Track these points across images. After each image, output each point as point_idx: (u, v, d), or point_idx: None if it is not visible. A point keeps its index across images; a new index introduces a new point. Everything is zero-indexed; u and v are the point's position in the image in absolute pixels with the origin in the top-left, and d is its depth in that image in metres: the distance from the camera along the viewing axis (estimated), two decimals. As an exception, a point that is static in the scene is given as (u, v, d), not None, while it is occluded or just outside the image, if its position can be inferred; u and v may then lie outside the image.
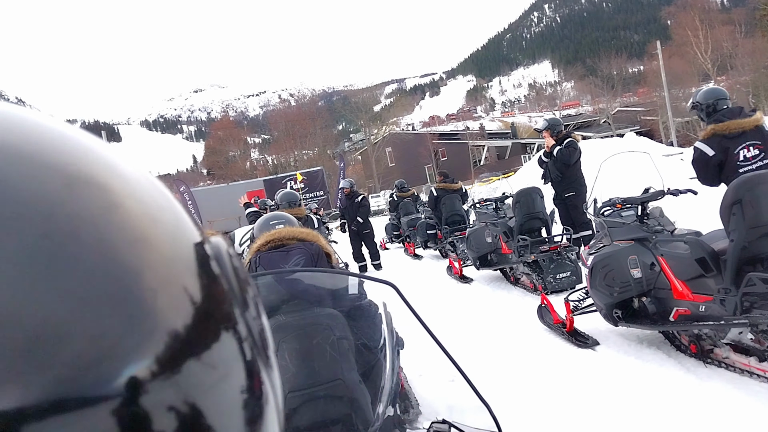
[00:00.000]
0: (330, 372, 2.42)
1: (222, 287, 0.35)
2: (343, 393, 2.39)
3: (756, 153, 4.73)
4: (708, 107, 4.99)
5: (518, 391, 3.93)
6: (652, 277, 4.19)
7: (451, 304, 7.17)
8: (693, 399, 3.37)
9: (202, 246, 0.35)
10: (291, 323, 2.49)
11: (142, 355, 0.27)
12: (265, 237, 2.97)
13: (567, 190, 7.87)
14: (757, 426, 2.92)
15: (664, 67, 34.72)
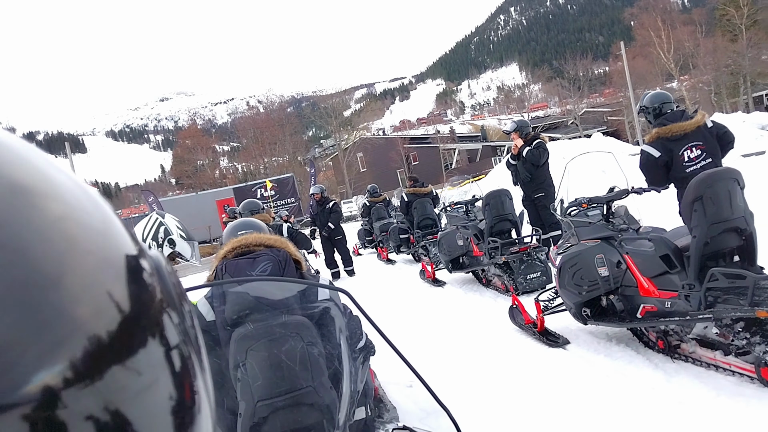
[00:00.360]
0: (300, 379, 2.40)
1: (152, 297, 0.34)
2: (314, 400, 2.37)
3: (698, 153, 5.01)
4: (654, 110, 5.27)
5: (491, 392, 3.95)
6: (618, 275, 4.25)
7: (425, 308, 7.18)
8: (662, 395, 3.42)
9: (135, 257, 0.34)
10: (259, 331, 2.46)
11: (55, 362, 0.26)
12: (231, 243, 2.93)
13: (536, 191, 7.95)
14: (724, 418, 2.97)
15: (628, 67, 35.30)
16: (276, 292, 2.73)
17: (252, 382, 2.36)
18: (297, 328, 2.44)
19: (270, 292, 2.73)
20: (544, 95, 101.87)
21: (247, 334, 2.43)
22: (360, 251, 15.88)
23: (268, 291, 2.75)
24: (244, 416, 2.34)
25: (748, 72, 44.84)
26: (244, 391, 2.37)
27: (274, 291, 2.74)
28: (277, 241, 2.96)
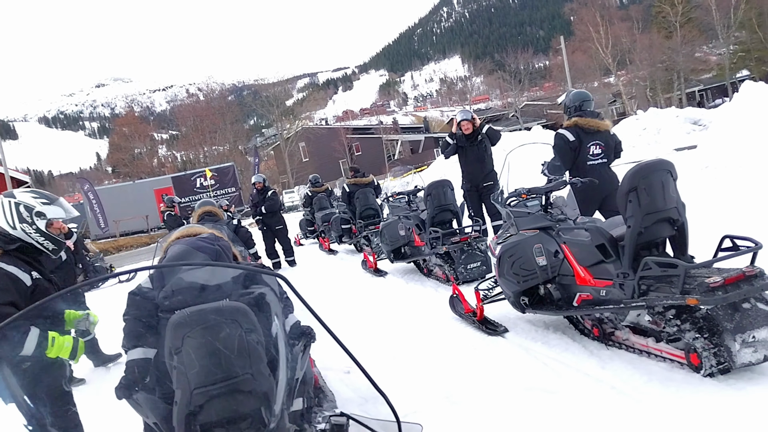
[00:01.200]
0: (238, 367, 2.31)
1: None
2: (251, 387, 2.29)
3: (599, 152, 5.73)
4: (575, 107, 5.92)
5: (431, 380, 3.94)
6: (556, 265, 4.31)
7: (366, 298, 7.15)
8: (597, 381, 3.49)
9: None
10: (196, 318, 2.36)
11: None
12: (175, 234, 3.09)
13: (486, 179, 8.00)
14: (655, 403, 3.05)
15: (567, 61, 36.16)
16: (212, 277, 2.69)
17: (188, 370, 2.26)
18: (235, 315, 2.36)
19: (208, 279, 2.69)
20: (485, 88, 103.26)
21: (183, 320, 2.33)
22: (302, 241, 15.72)
23: (206, 278, 2.70)
24: (179, 404, 2.24)
25: (682, 68, 46.66)
26: (180, 378, 2.28)
27: (211, 276, 2.70)
28: (205, 232, 3.14)
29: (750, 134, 9.94)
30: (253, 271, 2.42)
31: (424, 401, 3.62)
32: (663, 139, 18.19)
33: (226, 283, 2.66)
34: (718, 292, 2.99)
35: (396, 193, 9.26)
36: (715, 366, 3.12)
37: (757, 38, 45.67)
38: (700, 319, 3.19)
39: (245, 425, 2.28)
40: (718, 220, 5.95)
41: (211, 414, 2.24)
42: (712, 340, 3.11)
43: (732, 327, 3.01)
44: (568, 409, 3.20)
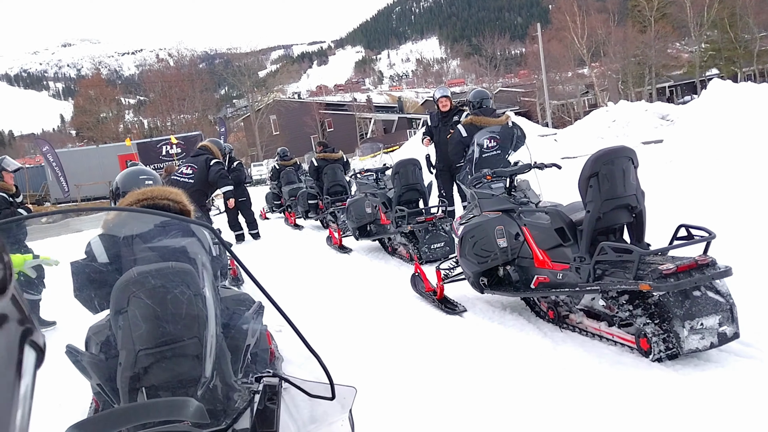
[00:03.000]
0: (186, 329, 2.27)
1: None
2: (198, 352, 2.25)
3: (493, 144, 6.15)
4: (476, 104, 6.98)
5: (386, 356, 3.96)
6: (516, 247, 4.35)
7: (329, 274, 7.13)
8: (549, 361, 3.54)
9: None
10: (144, 277, 2.31)
11: None
12: (135, 195, 2.76)
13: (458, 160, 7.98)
14: (604, 384, 3.11)
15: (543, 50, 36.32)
16: (166, 238, 2.59)
17: (133, 331, 2.21)
18: (183, 276, 2.31)
19: (159, 238, 2.58)
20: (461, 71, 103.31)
21: (130, 280, 2.27)
22: (267, 215, 15.60)
23: (157, 237, 2.60)
24: (123, 365, 2.19)
25: (654, 63, 47.29)
26: (125, 339, 2.22)
27: (164, 237, 2.59)
28: (178, 195, 2.86)
29: (715, 131, 10.14)
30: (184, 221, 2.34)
31: (378, 377, 3.64)
32: (631, 132, 18.45)
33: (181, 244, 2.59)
34: (670, 279, 3.06)
35: (364, 170, 9.22)
36: (663, 351, 3.19)
37: (728, 38, 46.52)
38: (651, 305, 3.26)
39: (192, 390, 2.25)
40: (677, 211, 6.07)
41: (156, 376, 2.20)
42: (662, 326, 3.18)
43: (682, 314, 3.08)
44: (517, 387, 3.24)
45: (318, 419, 1.16)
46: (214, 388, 2.32)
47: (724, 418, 2.60)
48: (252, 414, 1.00)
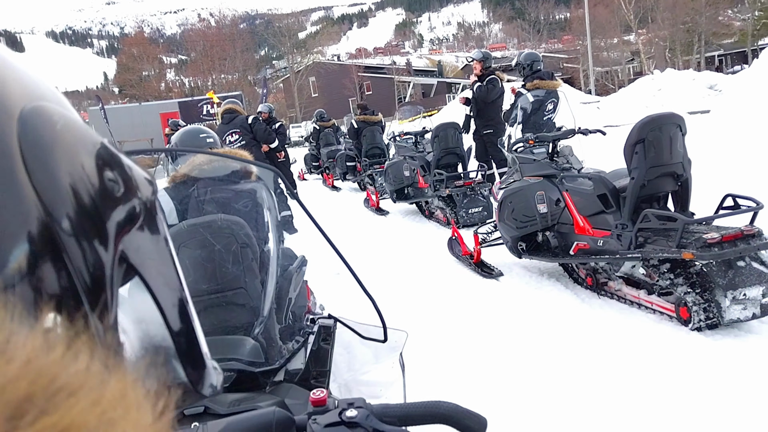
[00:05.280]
0: (232, 280, 2.35)
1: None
2: (245, 301, 2.33)
3: (552, 108, 6.35)
4: (526, 66, 6.69)
5: (421, 316, 4.02)
6: (556, 213, 4.33)
7: (367, 235, 7.20)
8: (585, 327, 3.55)
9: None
10: (192, 228, 2.39)
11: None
12: (207, 157, 2.85)
13: (485, 127, 7.92)
14: (641, 352, 3.12)
15: (588, 15, 35.24)
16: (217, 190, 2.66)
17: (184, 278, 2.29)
18: (231, 228, 2.38)
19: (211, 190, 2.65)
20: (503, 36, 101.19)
21: (180, 230, 2.36)
22: (305, 176, 15.73)
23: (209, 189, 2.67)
24: None
25: (704, 31, 45.52)
26: None
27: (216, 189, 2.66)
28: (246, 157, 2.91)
29: (765, 101, 9.79)
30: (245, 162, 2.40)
31: (413, 337, 3.70)
32: (677, 101, 17.91)
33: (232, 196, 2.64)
34: (715, 248, 3.02)
35: (403, 133, 9.19)
36: (703, 321, 3.18)
37: (786, 5, 44.41)
38: (693, 275, 3.23)
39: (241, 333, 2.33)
40: (724, 181, 5.94)
41: (203, 324, 2.29)
42: (703, 295, 3.16)
43: (724, 283, 3.05)
44: (552, 351, 3.27)
45: (369, 361, 1.20)
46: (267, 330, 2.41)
47: (762, 389, 2.59)
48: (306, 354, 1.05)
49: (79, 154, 0.32)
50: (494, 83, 7.80)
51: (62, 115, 0.33)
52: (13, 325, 0.21)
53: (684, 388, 2.70)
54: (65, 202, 0.29)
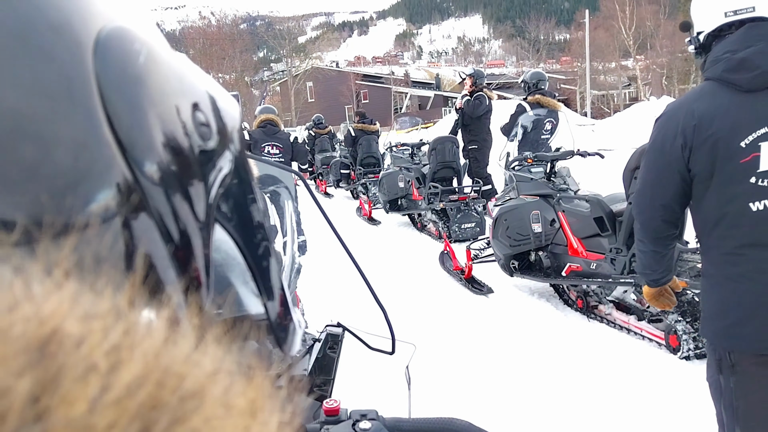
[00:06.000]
0: None
1: None
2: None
3: (550, 128, 6.38)
4: (532, 85, 6.81)
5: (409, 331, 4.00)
6: (551, 233, 4.34)
7: (358, 244, 7.17)
8: (573, 350, 3.55)
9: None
10: None
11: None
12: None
13: (471, 142, 7.97)
14: (627, 378, 3.12)
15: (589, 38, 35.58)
16: None
17: None
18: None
19: None
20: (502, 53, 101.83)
21: None
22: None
23: None
24: None
25: (701, 61, 46.00)
26: None
27: None
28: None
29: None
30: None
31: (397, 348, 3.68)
32: (672, 129, 18.08)
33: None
34: (708, 278, 3.03)
35: (400, 144, 9.21)
36: (692, 350, 3.19)
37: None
38: (685, 303, 3.24)
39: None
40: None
41: None
42: (693, 325, 3.17)
43: (715, 314, 3.05)
44: (538, 373, 3.26)
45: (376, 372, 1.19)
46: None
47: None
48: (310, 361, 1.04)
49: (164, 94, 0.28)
50: (481, 100, 7.85)
51: (145, 43, 0.29)
52: (131, 312, 0.18)
53: (671, 416, 2.70)
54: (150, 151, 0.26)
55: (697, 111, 1.67)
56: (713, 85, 1.70)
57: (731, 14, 1.71)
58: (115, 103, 0.25)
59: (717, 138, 1.63)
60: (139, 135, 0.26)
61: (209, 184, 0.32)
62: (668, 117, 1.76)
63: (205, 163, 0.31)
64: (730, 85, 1.65)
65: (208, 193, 0.32)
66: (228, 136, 0.34)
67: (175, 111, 0.29)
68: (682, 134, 1.68)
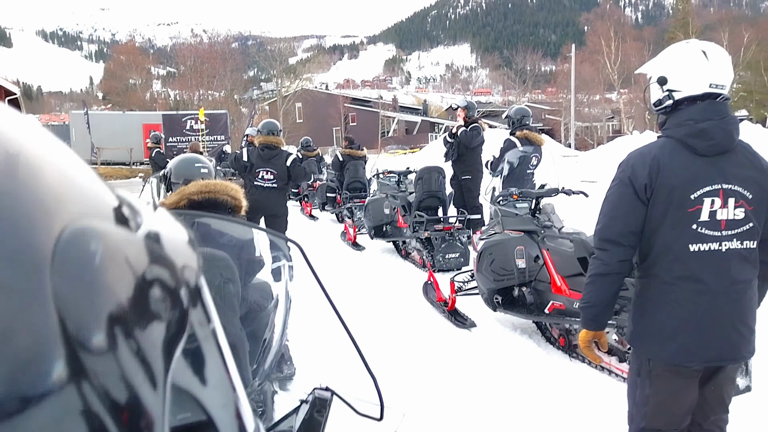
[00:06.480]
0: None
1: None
2: None
3: (535, 163, 6.63)
4: (517, 120, 7.04)
5: (389, 363, 3.98)
6: (534, 269, 4.36)
7: (341, 270, 7.15)
8: (553, 389, 3.56)
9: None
10: None
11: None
12: (198, 186, 2.83)
13: (464, 172, 8.03)
14: (606, 419, 3.12)
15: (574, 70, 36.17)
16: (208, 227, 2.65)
17: None
18: (215, 262, 2.35)
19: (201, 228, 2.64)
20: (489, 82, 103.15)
21: None
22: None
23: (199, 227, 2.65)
24: None
25: (683, 97, 46.93)
26: None
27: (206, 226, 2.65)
28: (237, 192, 2.91)
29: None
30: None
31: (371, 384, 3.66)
32: (654, 164, 18.33)
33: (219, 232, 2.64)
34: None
35: (387, 171, 9.25)
36: (671, 394, 3.20)
37: (761, 81, 46.10)
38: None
39: None
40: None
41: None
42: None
43: (695, 359, 3.08)
44: (519, 413, 3.26)
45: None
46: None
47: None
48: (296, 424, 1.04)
49: (116, 292, 0.30)
50: (477, 131, 7.93)
51: (106, 241, 0.31)
52: None
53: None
54: (99, 335, 0.27)
55: (660, 161, 2.01)
56: (674, 142, 2.05)
57: (714, 87, 2.03)
58: (68, 305, 0.27)
59: (673, 186, 1.99)
60: (89, 327, 0.27)
61: (167, 349, 0.33)
62: (635, 160, 2.09)
63: (163, 332, 0.32)
64: (689, 147, 2.01)
65: (168, 356, 0.32)
66: (180, 298, 0.35)
67: (130, 292, 0.30)
68: (648, 176, 2.01)
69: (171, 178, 3.23)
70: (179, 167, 3.27)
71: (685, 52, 2.14)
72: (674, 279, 2.03)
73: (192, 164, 3.26)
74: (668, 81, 2.12)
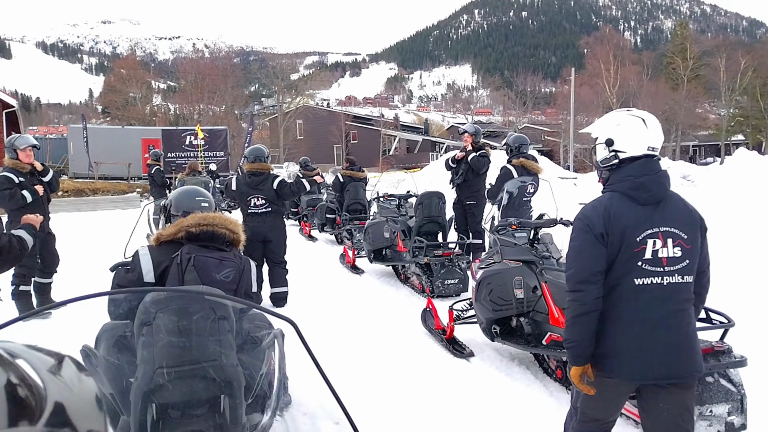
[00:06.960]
0: (207, 351, 2.35)
1: None
2: (217, 375, 2.33)
3: (532, 191, 6.86)
4: (515, 148, 7.26)
5: (388, 394, 4.00)
6: (532, 300, 4.39)
7: (339, 293, 7.18)
8: (550, 423, 3.57)
9: None
10: (172, 296, 2.40)
11: None
12: (196, 219, 2.90)
13: (469, 197, 8.08)
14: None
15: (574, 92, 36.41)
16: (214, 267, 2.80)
17: (155, 345, 2.29)
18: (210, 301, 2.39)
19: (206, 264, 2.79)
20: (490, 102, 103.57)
21: (158, 297, 2.37)
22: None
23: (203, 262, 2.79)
24: (140, 380, 2.26)
25: (682, 121, 47.31)
26: (145, 354, 2.30)
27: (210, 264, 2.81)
28: (236, 227, 3.00)
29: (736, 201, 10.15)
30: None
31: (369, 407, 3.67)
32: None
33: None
34: (685, 362, 3.09)
35: (388, 195, 9.30)
36: None
37: (757, 106, 46.57)
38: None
39: (201, 411, 2.32)
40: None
41: (171, 395, 2.27)
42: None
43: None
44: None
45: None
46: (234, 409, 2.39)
47: None
48: None
49: None
50: (487, 158, 7.99)
51: None
52: None
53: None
54: None
55: (610, 210, 2.37)
56: (619, 195, 2.41)
57: (651, 149, 2.45)
58: None
59: (624, 229, 2.33)
60: None
61: None
62: (590, 213, 2.41)
63: None
64: (632, 198, 2.38)
65: None
66: None
67: None
68: (603, 225, 2.35)
69: (171, 210, 3.26)
70: (179, 199, 3.30)
71: (629, 120, 2.51)
72: (621, 308, 2.35)
73: (192, 197, 3.29)
74: (614, 143, 2.48)
